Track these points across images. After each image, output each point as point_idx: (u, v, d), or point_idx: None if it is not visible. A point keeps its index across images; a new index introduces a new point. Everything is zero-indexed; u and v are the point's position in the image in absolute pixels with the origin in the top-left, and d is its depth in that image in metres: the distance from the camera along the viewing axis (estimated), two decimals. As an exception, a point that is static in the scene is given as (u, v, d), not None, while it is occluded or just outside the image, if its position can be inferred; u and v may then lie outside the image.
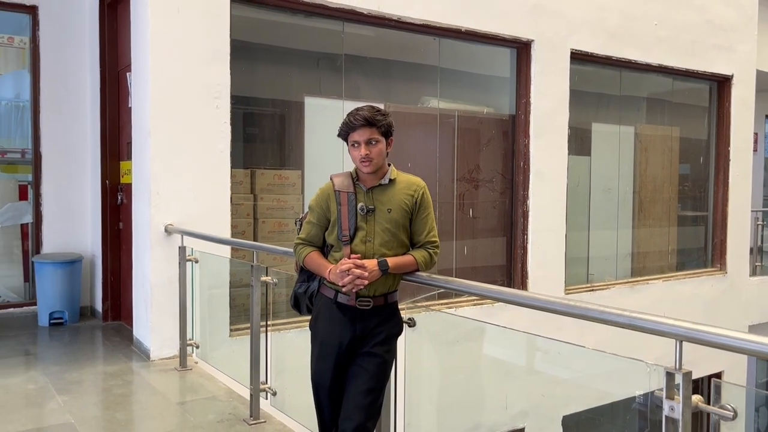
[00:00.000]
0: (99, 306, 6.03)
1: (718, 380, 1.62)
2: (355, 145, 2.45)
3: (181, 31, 4.74)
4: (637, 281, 7.98)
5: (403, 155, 6.24)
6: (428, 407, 3.23)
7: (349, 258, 2.39)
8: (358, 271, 2.34)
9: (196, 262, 4.60)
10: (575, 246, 7.48)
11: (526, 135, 6.79)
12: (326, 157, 5.74)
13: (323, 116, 5.76)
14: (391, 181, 2.51)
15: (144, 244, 4.89)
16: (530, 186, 6.79)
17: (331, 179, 2.56)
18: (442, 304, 6.31)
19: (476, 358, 3.26)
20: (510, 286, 6.93)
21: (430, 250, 2.52)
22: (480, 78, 7.17)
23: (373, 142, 2.45)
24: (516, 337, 2.84)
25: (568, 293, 7.11)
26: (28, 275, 6.17)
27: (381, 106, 5.97)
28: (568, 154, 7.10)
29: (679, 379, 1.58)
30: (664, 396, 1.61)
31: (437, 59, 6.48)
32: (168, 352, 4.75)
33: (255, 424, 3.59)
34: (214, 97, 4.89)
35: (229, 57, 4.95)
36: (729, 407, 1.54)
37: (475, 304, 6.45)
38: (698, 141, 8.97)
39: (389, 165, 2.55)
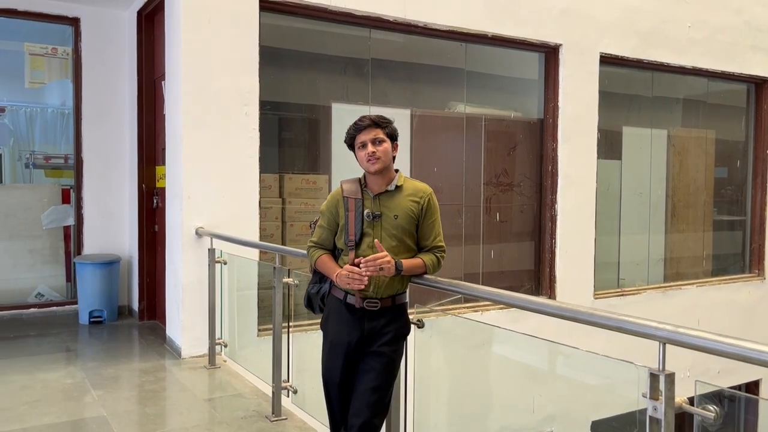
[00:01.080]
0: (136, 305, 6.26)
1: (702, 382, 1.66)
2: (362, 146, 2.53)
3: (211, 41, 4.92)
4: (669, 287, 7.87)
5: (429, 160, 6.32)
6: (442, 408, 3.29)
7: (354, 263, 2.48)
8: (379, 260, 2.41)
9: (225, 263, 4.76)
10: (605, 251, 7.43)
11: (554, 139, 6.79)
12: (353, 161, 5.81)
13: (350, 121, 5.86)
14: (398, 187, 2.59)
15: (176, 246, 5.08)
16: (558, 190, 6.78)
17: (340, 185, 2.65)
18: (467, 307, 6.36)
19: (501, 361, 3.30)
20: (538, 291, 6.95)
21: (438, 255, 2.60)
22: (507, 80, 7.20)
23: (379, 142, 2.53)
24: (538, 341, 2.85)
25: (597, 298, 7.08)
26: (70, 275, 6.45)
27: (407, 112, 6.11)
28: (598, 157, 7.06)
29: (662, 380, 1.62)
30: (648, 396, 1.65)
31: (464, 62, 6.54)
32: (198, 350, 4.92)
33: (276, 420, 3.71)
34: (244, 104, 5.06)
35: (257, 65, 5.11)
36: (711, 408, 1.58)
37: (501, 308, 6.48)
38: (735, 143, 8.80)
39: (397, 171, 2.63)
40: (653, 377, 1.65)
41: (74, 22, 6.26)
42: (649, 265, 7.96)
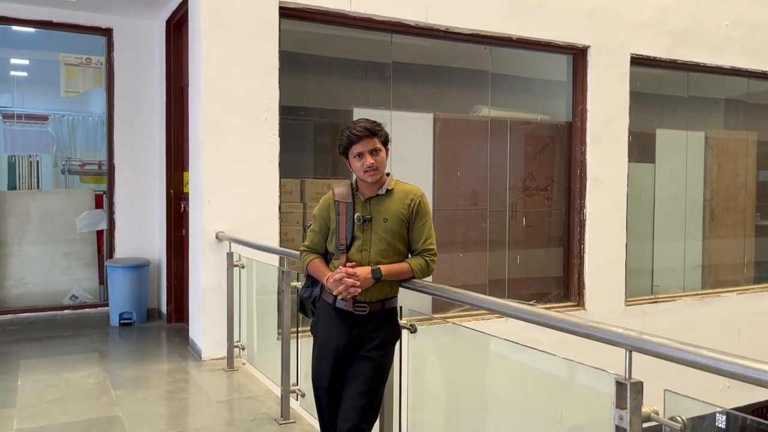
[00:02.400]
0: (164, 308, 6.40)
1: (671, 392, 1.59)
2: (359, 156, 2.52)
3: (232, 48, 5.00)
4: (707, 294, 7.61)
5: (453, 164, 6.28)
6: (438, 414, 3.25)
7: (345, 266, 2.48)
8: (350, 280, 2.42)
9: (243, 267, 4.82)
10: (638, 257, 7.24)
11: (583, 142, 6.66)
12: (373, 166, 5.85)
13: (371, 127, 5.88)
14: (388, 191, 2.58)
15: (198, 249, 5.18)
16: (587, 194, 6.64)
17: (332, 189, 2.66)
18: (472, 315, 6.26)
19: (495, 369, 3.24)
20: (566, 298, 6.82)
21: (427, 258, 2.57)
22: (534, 82, 7.10)
23: (377, 152, 2.52)
24: (526, 348, 2.78)
25: (628, 305, 6.90)
26: (103, 278, 6.64)
27: (430, 116, 6.09)
28: (629, 161, 6.89)
29: (628, 388, 1.57)
30: (614, 405, 1.60)
31: (489, 64, 6.48)
32: (218, 353, 4.99)
33: (285, 423, 3.74)
34: (264, 110, 5.13)
35: (277, 71, 5.17)
36: (679, 419, 1.52)
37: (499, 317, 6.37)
38: (780, 146, 8.47)
39: (387, 175, 2.62)
40: (620, 386, 1.59)
41: (107, 32, 6.46)
42: (685, 272, 7.71)
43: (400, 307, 2.71)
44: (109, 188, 6.58)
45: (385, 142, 2.58)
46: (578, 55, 6.66)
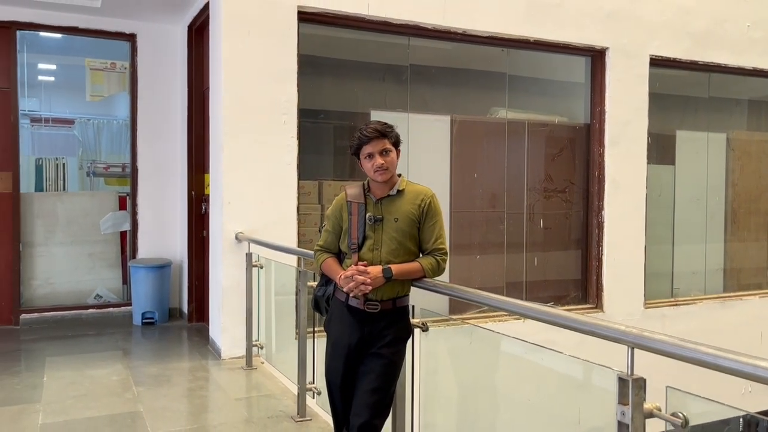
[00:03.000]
0: (185, 308, 6.51)
1: (673, 388, 1.62)
2: (369, 156, 2.58)
3: (251, 53, 5.10)
4: (729, 297, 7.53)
5: (470, 166, 6.31)
6: (450, 413, 3.29)
7: (357, 265, 2.54)
8: (360, 277, 2.48)
9: (261, 267, 4.90)
10: (658, 259, 7.19)
11: (601, 144, 6.64)
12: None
13: (389, 129, 5.94)
14: (399, 191, 2.63)
15: (217, 250, 5.27)
16: (605, 196, 6.63)
17: (344, 190, 2.72)
18: (489, 316, 6.28)
19: (508, 368, 3.26)
20: (584, 300, 6.80)
21: (438, 257, 2.61)
22: (552, 84, 7.09)
23: (386, 152, 2.57)
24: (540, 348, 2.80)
25: (648, 308, 6.86)
26: (126, 278, 6.77)
27: (447, 118, 6.12)
28: (648, 163, 6.86)
29: (630, 384, 1.60)
30: (617, 401, 1.63)
31: (506, 66, 6.50)
32: (237, 351, 5.08)
33: (301, 421, 3.80)
34: (282, 113, 5.21)
35: (296, 75, 5.25)
36: (680, 415, 1.55)
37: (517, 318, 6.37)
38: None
39: (399, 176, 2.67)
40: (622, 382, 1.62)
41: (131, 37, 6.60)
42: (706, 275, 7.64)
43: (413, 306, 2.76)
44: (133, 190, 6.72)
45: (396, 143, 2.63)
46: (597, 56, 6.65)
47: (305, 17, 5.32)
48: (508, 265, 6.48)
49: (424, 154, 6.09)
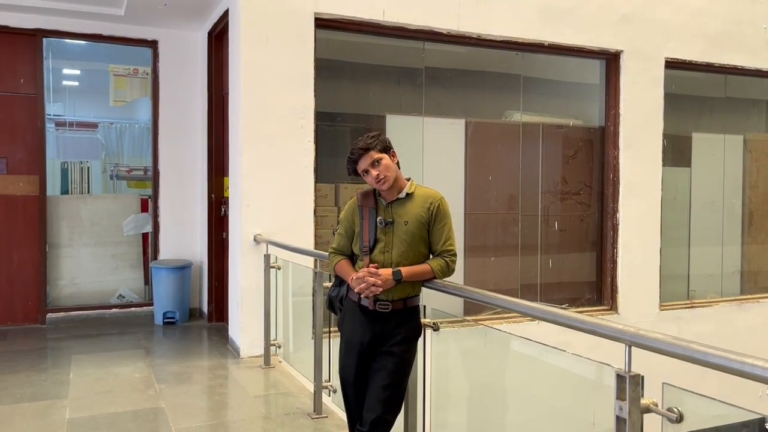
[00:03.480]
0: (205, 308, 6.66)
1: (669, 384, 1.69)
2: (365, 173, 2.68)
3: (269, 58, 5.22)
4: (746, 299, 7.51)
5: (484, 169, 6.38)
6: (462, 411, 3.36)
7: (368, 267, 2.63)
8: (371, 279, 2.58)
9: (279, 269, 5.02)
10: (674, 262, 7.21)
11: (616, 146, 6.68)
12: (406, 172, 5.99)
13: (404, 132, 6.04)
14: (408, 195, 2.72)
15: (236, 251, 5.40)
16: (620, 198, 6.66)
17: (356, 195, 2.83)
18: (502, 317, 6.33)
19: (519, 368, 3.33)
20: (599, 302, 6.83)
21: (447, 259, 2.69)
22: (567, 85, 7.14)
23: (377, 163, 2.65)
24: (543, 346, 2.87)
25: (663, 310, 6.87)
26: (148, 279, 6.94)
27: (462, 121, 6.19)
28: (664, 165, 6.88)
29: (627, 381, 1.67)
30: (615, 397, 1.71)
31: (520, 68, 6.56)
32: (256, 351, 5.20)
33: (317, 418, 3.90)
34: (299, 118, 5.33)
35: (313, 79, 5.37)
36: (675, 410, 1.62)
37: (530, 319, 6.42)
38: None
39: (408, 179, 2.76)
40: (620, 378, 1.70)
41: (153, 44, 6.77)
42: (723, 278, 7.63)
43: (424, 306, 2.85)
44: (154, 193, 6.88)
45: (385, 148, 2.69)
46: (611, 59, 6.69)
47: (322, 24, 5.44)
48: (523, 267, 6.54)
49: (439, 157, 6.18)
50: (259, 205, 5.25)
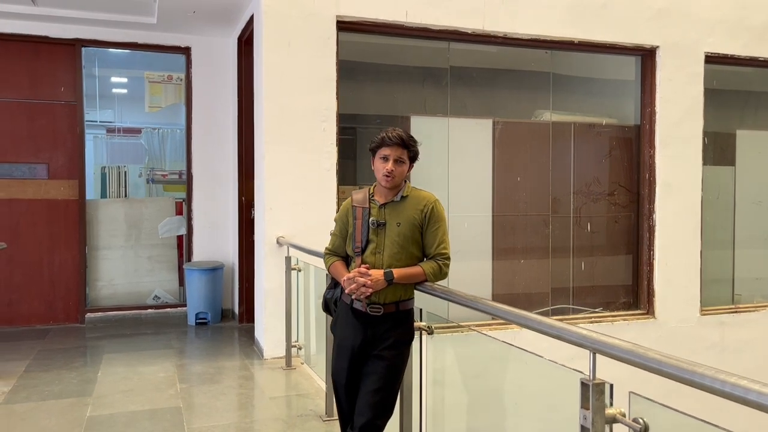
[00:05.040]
0: (237, 309, 6.76)
1: (636, 394, 1.60)
2: (384, 159, 2.64)
3: (291, 62, 5.26)
4: (796, 304, 7.13)
5: (513, 170, 6.27)
6: (460, 417, 3.29)
7: (359, 268, 2.61)
8: (362, 279, 2.56)
9: (300, 271, 5.05)
10: (716, 264, 6.91)
11: (652, 145, 6.46)
12: (430, 173, 5.96)
13: (429, 133, 5.99)
14: (403, 197, 2.69)
15: (261, 254, 5.46)
16: (656, 199, 6.43)
17: (351, 195, 2.81)
18: (556, 320, 6.19)
19: (511, 375, 3.23)
20: (635, 306, 6.61)
21: (440, 262, 2.65)
22: (600, 83, 6.93)
23: (400, 162, 2.64)
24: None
25: (704, 315, 6.60)
26: (182, 280, 7.10)
27: (489, 121, 6.09)
28: (704, 164, 6.61)
29: (591, 389, 1.60)
30: (579, 405, 1.63)
31: (550, 66, 6.42)
32: (278, 352, 5.25)
33: (329, 420, 3.90)
34: (322, 121, 5.35)
35: (335, 82, 5.38)
36: (640, 421, 1.54)
37: (592, 322, 6.26)
38: None
39: (405, 182, 2.74)
40: (584, 386, 1.62)
41: (186, 51, 6.93)
42: (771, 281, 7.27)
43: (420, 310, 2.81)
44: (188, 196, 7.04)
45: (413, 158, 2.70)
46: (646, 56, 6.47)
47: (344, 26, 5.45)
48: (554, 269, 6.38)
49: (465, 158, 6.10)
50: (282, 207, 5.29)
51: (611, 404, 1.64)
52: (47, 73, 6.59)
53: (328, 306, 2.91)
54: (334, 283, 2.88)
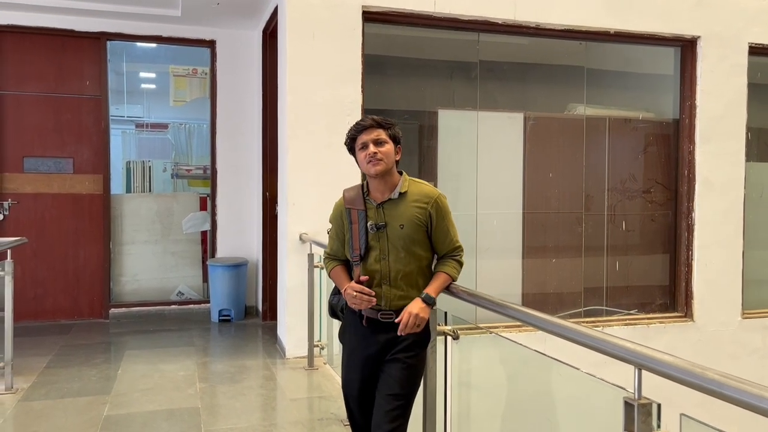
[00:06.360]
0: (260, 306, 6.66)
1: (687, 416, 1.41)
2: (363, 147, 2.40)
3: (315, 54, 5.12)
4: None
5: (544, 165, 6.04)
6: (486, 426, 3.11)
7: (359, 280, 2.41)
8: (366, 297, 2.38)
9: (322, 269, 4.89)
10: (760, 265, 6.59)
11: (691, 141, 6.17)
12: (459, 167, 5.77)
13: (457, 127, 5.80)
14: (401, 194, 2.43)
15: (283, 251, 5.34)
16: (696, 197, 6.14)
17: (343, 194, 2.56)
18: (589, 322, 5.98)
19: (540, 381, 3.04)
20: (672, 308, 6.34)
21: (456, 257, 2.46)
22: (636, 77, 6.64)
23: (381, 143, 2.39)
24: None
25: (746, 318, 6.30)
26: (206, 276, 7.02)
27: (520, 115, 5.88)
28: (747, 160, 6.29)
29: (636, 409, 1.41)
30: (623, 427, 1.45)
31: (584, 59, 6.17)
32: (300, 351, 5.12)
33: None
34: (346, 114, 5.19)
35: (361, 75, 5.22)
36: (691, 449, 1.35)
37: (626, 324, 6.01)
38: None
39: (401, 174, 2.48)
40: (628, 406, 1.44)
41: (211, 44, 6.84)
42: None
43: (445, 313, 2.64)
44: (212, 191, 6.96)
45: (394, 138, 2.44)
46: (686, 47, 6.18)
47: (370, 17, 5.29)
48: (587, 269, 6.14)
49: (495, 153, 5.89)
50: (305, 203, 5.16)
51: (659, 426, 1.45)
52: (73, 67, 6.55)
53: (335, 312, 2.68)
54: (337, 288, 2.65)
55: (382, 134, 2.41)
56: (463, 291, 2.40)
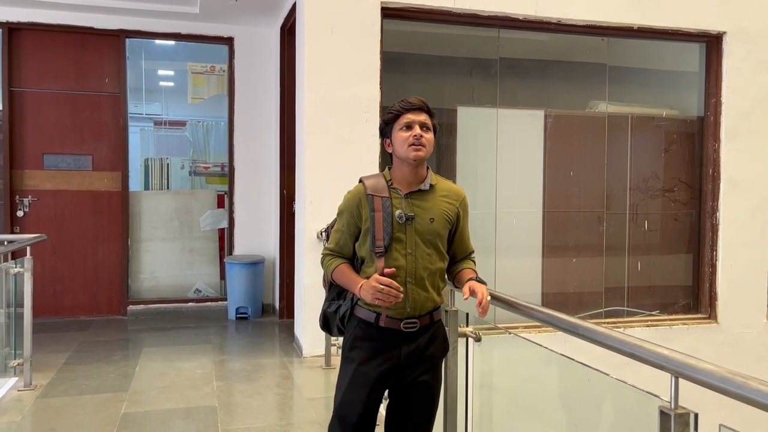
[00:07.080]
0: (278, 304, 6.64)
1: (726, 427, 1.34)
2: (407, 127, 2.20)
3: (333, 51, 5.07)
4: None
5: (565, 164, 5.95)
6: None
7: (383, 273, 2.12)
8: (394, 292, 2.09)
9: (339, 267, 4.86)
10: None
11: (717, 139, 6.04)
12: (478, 165, 5.69)
13: (476, 124, 5.73)
14: (431, 186, 2.26)
15: (301, 248, 5.31)
16: (720, 196, 6.01)
17: (361, 181, 2.32)
18: (610, 323, 5.88)
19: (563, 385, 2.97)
20: (696, 309, 6.22)
21: (474, 258, 2.39)
22: (659, 74, 6.51)
23: (427, 128, 2.23)
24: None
25: (772, 320, 6.15)
26: (223, 274, 7.01)
27: (540, 113, 5.80)
28: (774, 158, 6.15)
29: (672, 419, 1.35)
30: (657, 439, 1.38)
31: (606, 56, 6.06)
32: (318, 350, 5.07)
33: None
34: (364, 112, 5.14)
35: (379, 72, 5.17)
36: (732, 461, 1.28)
37: (648, 325, 5.91)
38: None
39: (428, 168, 2.30)
40: (664, 416, 1.37)
41: (229, 41, 6.82)
42: None
43: (467, 314, 2.58)
44: (230, 189, 6.95)
45: (435, 128, 2.29)
46: (712, 42, 6.05)
47: (389, 13, 5.23)
48: (608, 269, 6.04)
49: (515, 151, 5.82)
50: (322, 201, 5.11)
51: (694, 437, 1.39)
52: (92, 65, 6.57)
53: (328, 322, 2.41)
54: (336, 293, 2.38)
55: (428, 120, 2.25)
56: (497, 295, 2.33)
